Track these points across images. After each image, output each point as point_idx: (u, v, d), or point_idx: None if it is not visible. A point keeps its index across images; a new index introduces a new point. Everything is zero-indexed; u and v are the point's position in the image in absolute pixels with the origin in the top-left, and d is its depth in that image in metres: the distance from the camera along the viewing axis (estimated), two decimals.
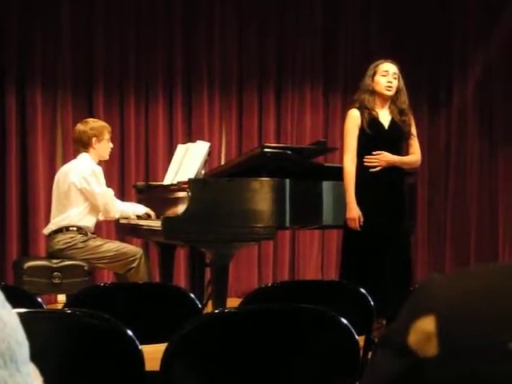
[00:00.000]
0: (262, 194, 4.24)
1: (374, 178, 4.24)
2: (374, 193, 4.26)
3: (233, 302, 4.64)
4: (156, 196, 4.93)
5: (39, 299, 2.57)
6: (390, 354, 0.76)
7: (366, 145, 4.24)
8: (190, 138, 6.40)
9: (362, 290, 2.62)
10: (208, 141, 5.30)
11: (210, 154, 4.78)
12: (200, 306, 2.61)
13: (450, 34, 7.26)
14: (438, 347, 0.72)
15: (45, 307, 2.66)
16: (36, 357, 0.86)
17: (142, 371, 1.78)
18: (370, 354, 2.43)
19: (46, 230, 4.75)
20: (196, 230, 4.13)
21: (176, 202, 4.40)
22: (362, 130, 4.24)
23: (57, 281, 4.52)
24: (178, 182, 4.46)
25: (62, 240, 4.61)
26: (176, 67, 6.61)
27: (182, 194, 4.32)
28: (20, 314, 0.83)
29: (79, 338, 1.81)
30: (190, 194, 4.15)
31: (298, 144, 6.58)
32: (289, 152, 4.54)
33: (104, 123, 4.90)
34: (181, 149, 4.93)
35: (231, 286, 5.81)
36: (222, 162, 6.56)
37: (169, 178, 4.79)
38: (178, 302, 2.58)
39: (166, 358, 1.78)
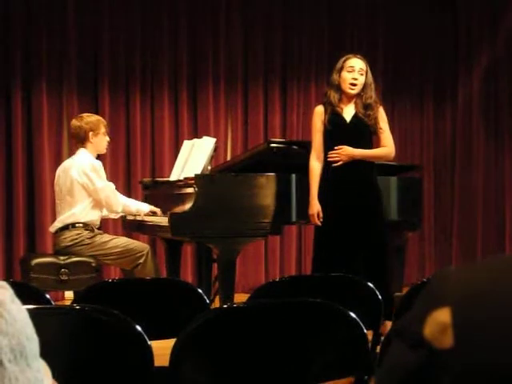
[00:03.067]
0: (268, 190, 4.24)
1: (337, 173, 4.15)
2: (338, 188, 4.16)
3: (240, 298, 4.65)
4: (162, 192, 4.93)
5: (47, 295, 2.57)
6: (405, 346, 0.76)
7: (329, 140, 4.18)
8: (195, 133, 6.40)
9: (370, 285, 2.61)
10: (214, 136, 5.31)
11: (216, 149, 4.77)
12: (208, 301, 2.61)
13: (455, 29, 7.24)
14: (454, 338, 0.72)
15: (53, 303, 2.66)
16: (45, 352, 0.86)
17: (151, 367, 1.78)
18: (378, 348, 2.42)
19: (52, 228, 4.74)
20: (203, 225, 4.14)
21: (182, 197, 4.40)
22: (325, 126, 4.21)
23: (64, 277, 4.52)
24: (185, 178, 4.46)
25: (68, 237, 4.61)
26: (181, 63, 6.61)
27: (188, 190, 4.32)
28: (29, 310, 0.83)
29: (88, 334, 1.81)
30: (196, 189, 4.15)
31: (304, 139, 6.56)
32: (295, 147, 4.54)
33: (99, 117, 4.86)
34: (187, 145, 4.92)
35: (238, 281, 5.81)
36: (228, 158, 6.55)
37: (175, 174, 4.79)
38: (186, 297, 2.58)
39: (175, 353, 1.78)
